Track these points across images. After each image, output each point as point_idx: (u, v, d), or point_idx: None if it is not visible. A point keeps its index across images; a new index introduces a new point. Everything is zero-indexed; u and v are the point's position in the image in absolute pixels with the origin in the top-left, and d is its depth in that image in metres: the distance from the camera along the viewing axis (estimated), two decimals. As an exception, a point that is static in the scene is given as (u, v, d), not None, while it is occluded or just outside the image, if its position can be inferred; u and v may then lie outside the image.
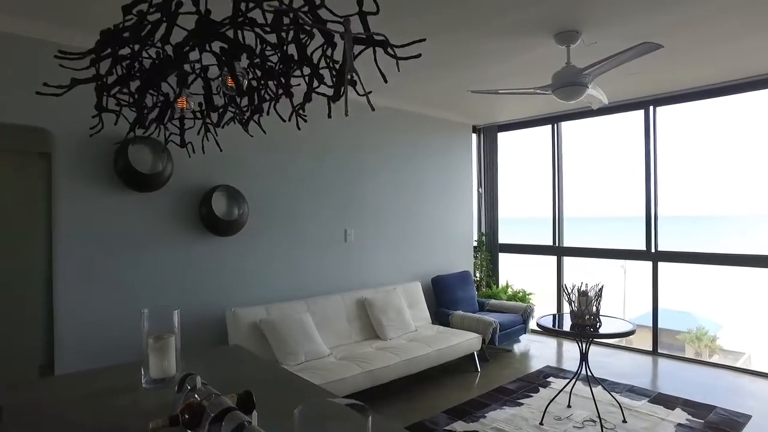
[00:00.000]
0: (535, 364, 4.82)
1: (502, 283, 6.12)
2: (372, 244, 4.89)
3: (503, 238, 6.29)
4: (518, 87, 3.63)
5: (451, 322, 4.89)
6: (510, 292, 5.80)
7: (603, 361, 4.88)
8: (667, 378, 4.49)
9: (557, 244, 5.77)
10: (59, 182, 3.18)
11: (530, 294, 5.80)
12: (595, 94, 3.49)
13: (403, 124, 5.21)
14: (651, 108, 5.02)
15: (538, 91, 3.38)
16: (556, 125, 5.78)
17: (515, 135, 6.27)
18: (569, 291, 3.45)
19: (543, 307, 5.63)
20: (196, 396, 1.25)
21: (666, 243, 5.10)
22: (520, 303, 5.28)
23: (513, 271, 6.39)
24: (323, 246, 4.48)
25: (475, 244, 6.25)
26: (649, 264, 5.09)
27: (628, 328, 3.38)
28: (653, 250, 5.06)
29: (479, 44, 3.40)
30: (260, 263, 4.05)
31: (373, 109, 1.16)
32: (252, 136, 2.13)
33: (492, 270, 6.20)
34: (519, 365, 4.81)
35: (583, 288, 3.45)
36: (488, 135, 6.28)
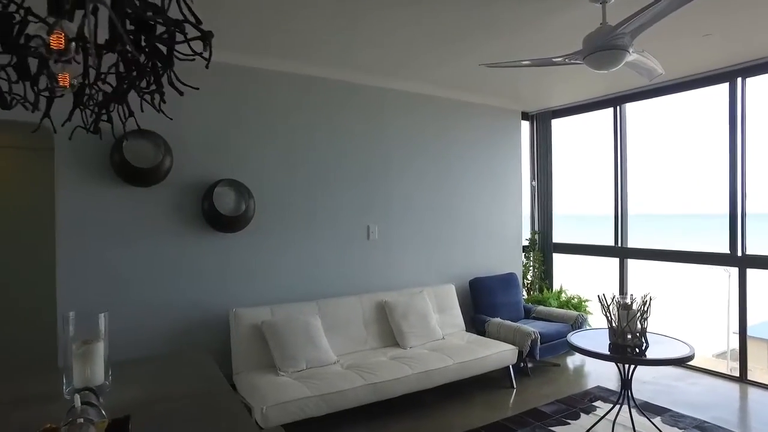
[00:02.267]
0: (586, 383, 4.16)
1: (556, 287, 5.43)
2: (399, 243, 4.49)
3: (558, 237, 5.59)
4: (543, 57, 3.04)
5: (487, 331, 4.37)
6: (563, 298, 5.12)
7: (671, 385, 4.10)
8: (755, 415, 3.63)
9: (620, 245, 5.00)
10: (59, 177, 3.16)
11: (586, 301, 5.08)
12: (643, 60, 2.83)
13: (436, 111, 4.75)
14: (738, 80, 4.13)
15: (567, 60, 2.80)
16: (618, 108, 4.99)
17: (572, 121, 5.54)
18: (607, 302, 2.83)
19: (601, 317, 4.89)
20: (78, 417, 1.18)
21: (756, 245, 4.18)
22: (572, 311, 4.61)
23: (570, 275, 5.67)
24: (342, 244, 4.16)
25: (527, 243, 5.61)
26: (735, 270, 4.21)
27: (683, 352, 2.70)
28: (740, 254, 4.17)
29: (502, 11, 2.89)
30: (268, 262, 3.82)
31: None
32: (171, 119, 1.84)
33: (545, 272, 5.53)
34: (565, 383, 4.17)
35: (627, 300, 2.82)
36: (541, 122, 5.60)
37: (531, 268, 5.49)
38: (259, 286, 3.78)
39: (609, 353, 2.75)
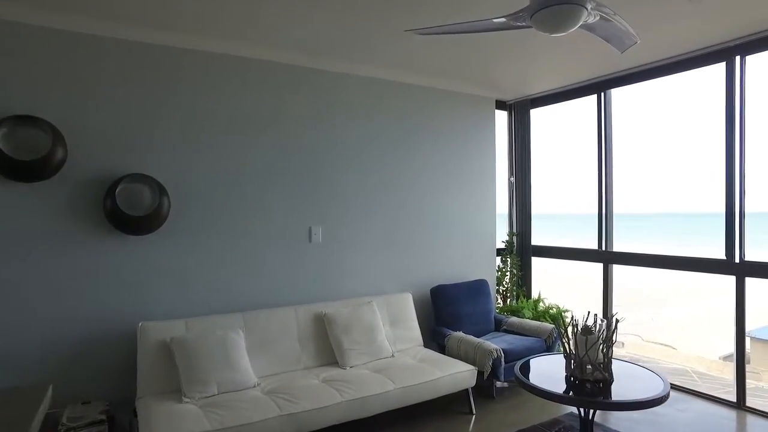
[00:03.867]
0: (558, 409, 3.61)
1: (534, 295, 4.89)
2: (349, 246, 3.97)
3: (537, 240, 5.04)
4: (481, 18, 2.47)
5: (447, 346, 3.85)
6: (540, 308, 4.57)
7: (657, 413, 3.52)
8: None
9: (604, 249, 4.43)
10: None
11: (566, 311, 4.52)
12: (609, 22, 2.29)
13: (398, 98, 4.23)
14: (737, 59, 3.55)
15: (512, 21, 2.26)
16: (603, 95, 4.42)
17: (552, 111, 4.98)
18: (565, 326, 2.29)
19: (581, 331, 4.34)
20: None
21: (756, 250, 3.61)
22: (547, 324, 4.06)
23: (552, 281, 5.12)
24: (278, 247, 3.66)
25: (504, 246, 5.06)
26: (731, 279, 3.64)
27: (655, 391, 2.16)
28: (737, 261, 3.60)
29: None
30: (187, 268, 3.33)
31: None
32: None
33: (522, 278, 4.98)
34: (535, 408, 3.63)
35: (589, 323, 2.28)
36: (519, 112, 5.05)
37: (507, 273, 4.95)
38: (176, 296, 3.30)
39: (560, 393, 2.21)
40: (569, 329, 2.27)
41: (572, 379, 2.25)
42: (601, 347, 2.18)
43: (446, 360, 3.54)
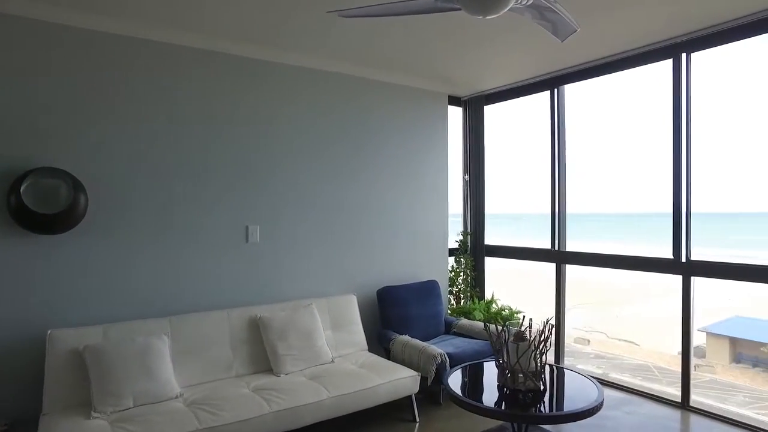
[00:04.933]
0: (504, 414, 3.49)
1: (488, 296, 4.78)
2: (289, 246, 3.78)
3: (492, 239, 4.93)
4: None
5: (392, 351, 3.69)
6: (493, 310, 4.46)
7: (605, 416, 3.43)
8: None
9: (557, 248, 4.35)
10: None
11: (518, 313, 4.43)
12: (551, 11, 2.17)
13: (345, 91, 4.05)
14: (683, 56, 3.50)
15: (439, 3, 2.10)
16: (556, 91, 4.34)
17: (506, 107, 4.88)
18: (495, 331, 2.16)
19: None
20: None
21: (702, 249, 3.57)
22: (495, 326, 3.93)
23: (508, 282, 5.03)
24: (211, 247, 3.44)
25: (456, 245, 4.94)
26: (679, 279, 3.59)
27: (588, 401, 2.04)
28: (684, 260, 3.55)
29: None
30: (108, 270, 3.08)
31: None
32: None
33: (476, 279, 4.87)
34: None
35: (523, 328, 2.15)
36: (473, 108, 4.93)
37: (461, 273, 4.82)
38: (94, 301, 3.04)
39: (489, 407, 2.07)
40: (500, 335, 2.14)
41: (504, 389, 2.12)
42: (533, 354, 2.05)
43: (389, 366, 3.39)
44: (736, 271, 3.39)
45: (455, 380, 2.66)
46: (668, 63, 3.57)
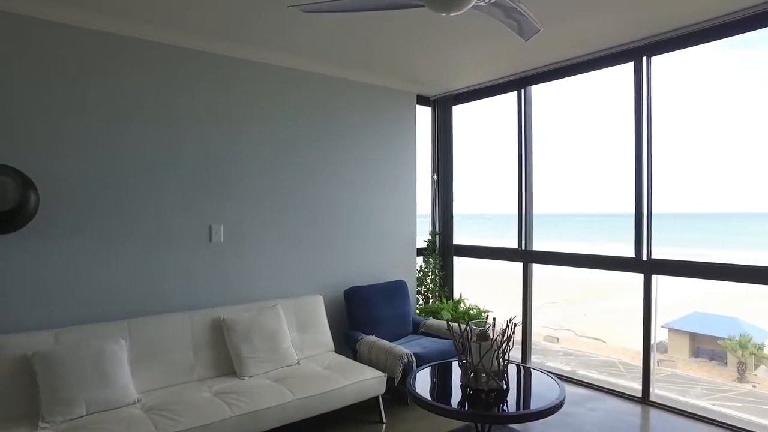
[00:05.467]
0: (471, 413, 3.50)
1: (456, 295, 4.80)
2: (255, 246, 3.70)
3: (461, 239, 4.96)
4: None
5: (359, 351, 3.66)
6: (461, 309, 4.48)
7: (569, 413, 3.49)
8: None
9: (524, 248, 4.40)
10: None
11: (486, 312, 4.46)
12: (515, 10, 2.18)
13: (306, 88, 3.99)
14: (644, 59, 3.58)
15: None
16: (523, 92, 4.39)
17: (475, 107, 4.91)
18: (458, 331, 2.15)
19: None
20: None
21: (663, 248, 3.66)
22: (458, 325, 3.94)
23: (477, 281, 5.06)
24: (172, 248, 3.33)
25: (425, 245, 4.94)
26: (640, 277, 3.67)
27: (549, 400, 2.05)
28: (645, 258, 3.63)
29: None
30: (61, 271, 2.95)
31: None
32: None
33: (444, 279, 4.88)
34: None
35: (485, 327, 2.15)
36: (442, 108, 4.95)
37: (429, 273, 4.83)
38: (46, 304, 2.91)
39: (451, 407, 2.06)
40: (463, 335, 2.13)
41: (468, 389, 2.12)
42: (496, 354, 2.05)
43: (355, 366, 3.35)
44: (693, 269, 3.49)
45: (420, 381, 2.65)
46: (630, 66, 3.64)
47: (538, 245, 4.42)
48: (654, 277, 3.61)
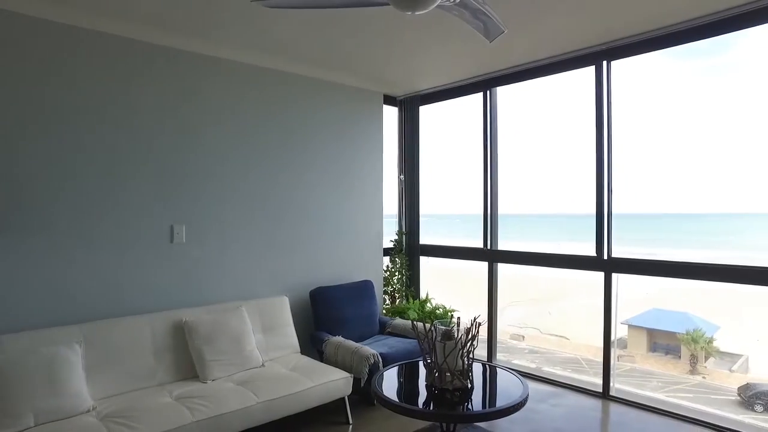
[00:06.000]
0: (437, 412, 3.52)
1: (423, 295, 4.82)
2: (217, 246, 3.62)
3: (428, 239, 4.99)
4: None
5: (325, 353, 3.63)
6: (427, 309, 4.50)
7: (533, 409, 3.56)
8: None
9: (489, 247, 4.45)
10: None
11: (452, 311, 4.49)
12: (480, 11, 2.20)
13: (271, 87, 3.93)
14: (604, 63, 3.68)
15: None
16: (489, 93, 4.44)
17: (441, 108, 4.95)
18: (424, 330, 2.16)
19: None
20: None
21: (623, 247, 3.77)
22: (422, 325, 3.96)
23: (445, 281, 5.10)
24: (131, 248, 3.22)
25: (391, 245, 4.95)
26: (601, 275, 3.77)
27: (513, 397, 2.08)
28: (606, 258, 3.73)
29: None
30: (9, 274, 2.80)
31: None
32: None
33: (411, 278, 4.90)
34: (413, 413, 3.51)
35: (450, 326, 2.16)
36: (409, 108, 4.96)
37: (396, 273, 4.83)
38: (-6, 307, 2.76)
39: (415, 407, 2.07)
40: (428, 334, 2.14)
41: (433, 388, 2.12)
42: (460, 353, 2.07)
43: (321, 368, 3.32)
44: (651, 267, 3.60)
45: (385, 381, 2.64)
46: (591, 70, 3.74)
47: (503, 245, 4.48)
48: (615, 275, 3.71)
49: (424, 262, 5.02)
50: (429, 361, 2.15)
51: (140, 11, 2.92)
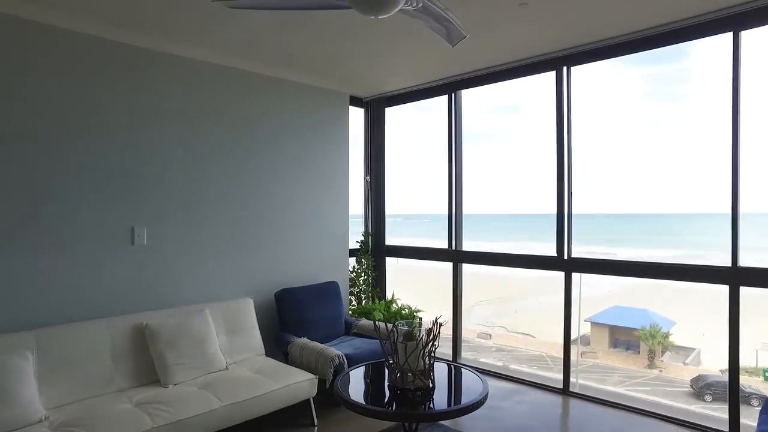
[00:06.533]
0: (403, 411, 3.55)
1: (389, 295, 4.85)
2: (182, 248, 3.55)
3: (397, 240, 5.02)
4: None
5: (290, 354, 3.61)
6: (393, 309, 4.53)
7: (495, 407, 3.63)
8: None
9: (453, 248, 4.52)
10: None
11: (418, 311, 4.54)
12: (442, 16, 2.23)
13: (236, 87, 3.89)
14: (564, 69, 3.78)
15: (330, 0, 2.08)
16: (453, 95, 4.51)
17: (407, 110, 5.00)
18: (386, 330, 2.18)
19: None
20: None
21: (589, 246, 3.89)
22: (384, 325, 3.99)
23: (413, 282, 5.14)
24: (90, 250, 3.13)
25: (358, 246, 4.96)
26: (561, 275, 3.87)
27: (473, 395, 2.12)
28: (566, 257, 3.84)
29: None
30: (-43, 278, 2.68)
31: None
32: None
33: (377, 279, 4.92)
34: (379, 413, 3.53)
35: (413, 327, 2.19)
36: (375, 109, 4.98)
37: (362, 274, 4.85)
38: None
39: (375, 407, 2.09)
40: (390, 334, 2.16)
41: (395, 389, 2.15)
42: (421, 353, 2.10)
43: (286, 370, 3.30)
44: (608, 267, 3.73)
45: (347, 382, 2.65)
46: (552, 75, 3.84)
47: (470, 245, 4.55)
48: (578, 274, 3.83)
49: (394, 262, 5.06)
50: (391, 361, 2.18)
51: (96, 6, 2.83)
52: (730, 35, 3.04)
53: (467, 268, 4.55)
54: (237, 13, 2.92)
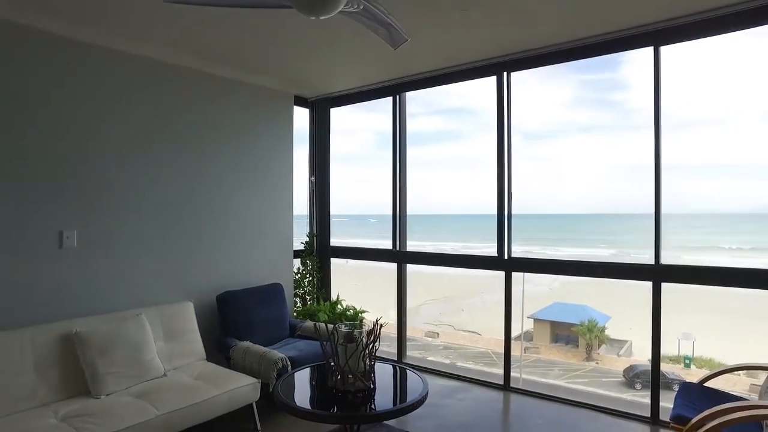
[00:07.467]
0: (348, 412, 3.55)
1: (333, 296, 4.84)
2: (113, 251, 3.39)
3: (342, 240, 5.01)
4: None
5: (232, 359, 3.52)
6: (338, 310, 4.53)
7: (439, 405, 3.70)
8: (516, 423, 3.47)
9: (398, 249, 4.56)
10: None
11: (363, 312, 4.56)
12: (384, 19, 2.25)
13: (174, 83, 3.76)
14: (504, 74, 3.91)
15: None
16: (398, 97, 4.56)
17: (354, 110, 5.01)
18: (327, 331, 2.18)
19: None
20: None
21: (528, 246, 4.04)
22: (325, 327, 3.99)
23: (358, 283, 5.15)
24: (10, 255, 2.92)
25: (303, 247, 4.91)
26: (502, 275, 4.00)
27: (414, 395, 2.16)
28: (506, 257, 3.97)
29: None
30: None
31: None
32: None
33: (322, 280, 4.90)
34: (324, 415, 3.51)
35: (352, 327, 2.19)
36: (319, 110, 4.96)
37: (307, 275, 4.80)
38: None
39: (315, 410, 2.08)
40: (331, 336, 2.16)
41: (336, 391, 2.15)
42: (362, 355, 2.11)
43: (227, 374, 3.22)
44: (545, 266, 3.89)
45: (288, 385, 2.62)
46: (493, 79, 3.96)
47: (415, 245, 4.61)
48: (521, 273, 3.97)
49: (341, 263, 5.05)
50: (332, 363, 2.17)
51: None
52: (650, 50, 3.24)
53: (415, 268, 4.61)
54: (174, 9, 2.82)
